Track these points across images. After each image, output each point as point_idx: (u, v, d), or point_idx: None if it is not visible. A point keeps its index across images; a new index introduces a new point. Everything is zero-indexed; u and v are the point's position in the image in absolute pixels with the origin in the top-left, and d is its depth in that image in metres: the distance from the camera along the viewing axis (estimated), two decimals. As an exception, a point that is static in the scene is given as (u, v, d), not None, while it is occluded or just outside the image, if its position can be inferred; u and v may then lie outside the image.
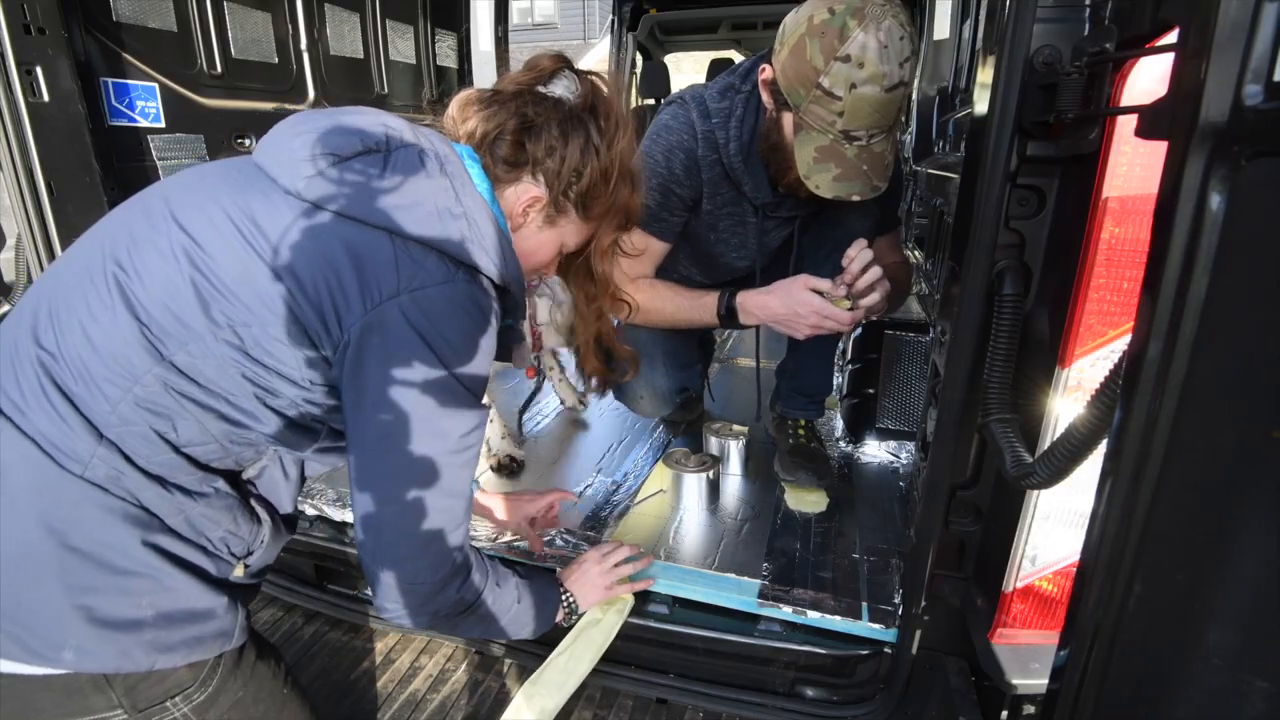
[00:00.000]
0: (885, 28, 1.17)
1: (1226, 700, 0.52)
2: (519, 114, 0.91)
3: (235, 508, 0.85)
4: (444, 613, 0.89)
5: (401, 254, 0.78)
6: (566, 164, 0.92)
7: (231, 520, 0.84)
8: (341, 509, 1.56)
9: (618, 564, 1.26)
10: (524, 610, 1.03)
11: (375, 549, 0.83)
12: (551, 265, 1.04)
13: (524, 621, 1.04)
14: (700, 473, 1.58)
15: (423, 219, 0.79)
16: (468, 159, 0.89)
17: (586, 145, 0.92)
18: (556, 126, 0.91)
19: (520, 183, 0.93)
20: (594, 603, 1.22)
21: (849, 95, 1.20)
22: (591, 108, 0.93)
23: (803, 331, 1.41)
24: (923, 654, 1.22)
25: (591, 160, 0.92)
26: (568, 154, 0.91)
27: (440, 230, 0.80)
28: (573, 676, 1.18)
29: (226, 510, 0.84)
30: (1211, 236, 0.46)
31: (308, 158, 0.77)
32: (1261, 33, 0.43)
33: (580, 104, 0.93)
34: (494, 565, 1.00)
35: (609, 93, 0.95)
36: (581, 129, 0.92)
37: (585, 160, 0.92)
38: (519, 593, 1.02)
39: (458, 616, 0.92)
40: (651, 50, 5.01)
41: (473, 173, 0.88)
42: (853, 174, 1.28)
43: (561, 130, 0.91)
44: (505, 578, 1.01)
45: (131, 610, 0.75)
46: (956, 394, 0.99)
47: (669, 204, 1.50)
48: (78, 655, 0.73)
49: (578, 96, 0.93)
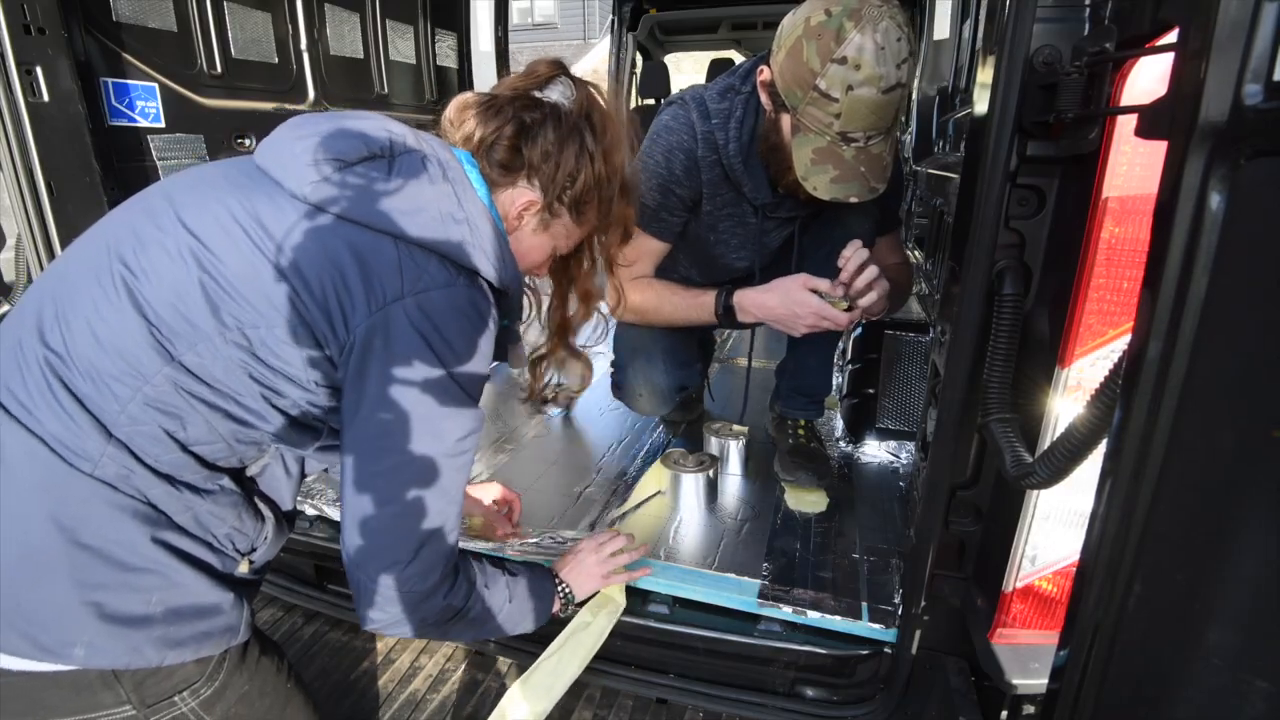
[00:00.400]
0: (882, 29, 1.16)
1: (1226, 700, 0.52)
2: (515, 119, 0.92)
3: (240, 505, 0.86)
4: (434, 619, 0.89)
5: (405, 257, 0.78)
6: (561, 169, 0.93)
7: (236, 517, 0.85)
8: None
9: (614, 553, 1.25)
10: (516, 608, 1.03)
11: (366, 552, 0.83)
12: (544, 267, 1.06)
13: (518, 619, 1.04)
14: (699, 472, 1.58)
15: (426, 223, 0.80)
16: (466, 163, 0.90)
17: (581, 151, 0.93)
18: (552, 132, 0.92)
19: (515, 186, 0.94)
20: (589, 592, 1.21)
21: (845, 97, 1.20)
22: (587, 115, 0.94)
23: (800, 330, 1.41)
24: (923, 654, 1.22)
25: (586, 166, 0.94)
26: (563, 159, 0.92)
27: (443, 234, 0.81)
28: (560, 680, 1.18)
29: (232, 507, 0.84)
30: (1211, 236, 0.46)
31: (311, 162, 0.78)
32: (1261, 32, 0.43)
33: (576, 110, 0.94)
34: (482, 566, 0.99)
35: (605, 101, 0.97)
36: (576, 135, 0.93)
37: (580, 166, 0.93)
38: (510, 591, 1.02)
39: (446, 624, 0.91)
40: (651, 50, 5.01)
41: (471, 177, 0.89)
42: (850, 176, 1.28)
43: (557, 136, 0.92)
44: (495, 578, 1.00)
45: (141, 606, 0.75)
46: (956, 394, 0.99)
47: (668, 204, 1.50)
48: (88, 651, 0.73)
49: (573, 103, 0.94)
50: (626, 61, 4.65)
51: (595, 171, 0.95)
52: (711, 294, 1.51)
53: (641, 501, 1.60)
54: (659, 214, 1.51)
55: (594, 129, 0.94)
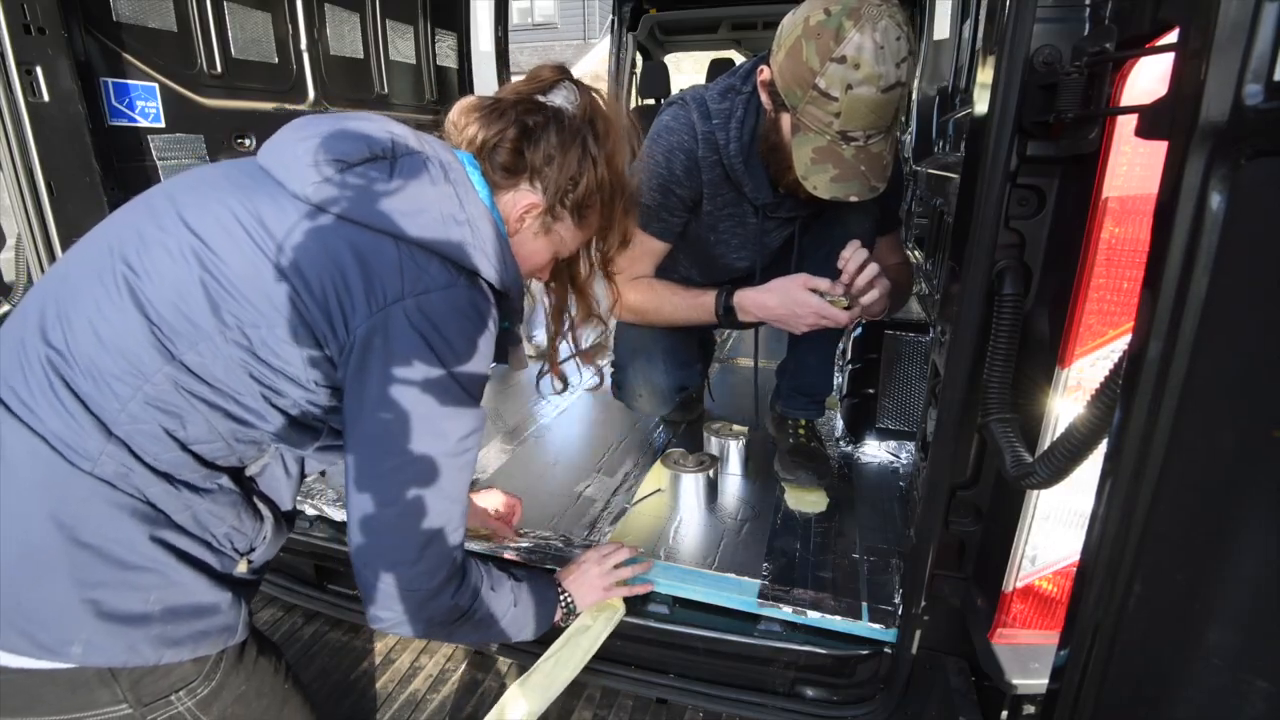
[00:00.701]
0: (882, 28, 1.16)
1: (1227, 700, 0.52)
2: (519, 122, 0.92)
3: (239, 504, 0.86)
4: (439, 619, 0.89)
5: (406, 258, 0.79)
6: (564, 172, 0.93)
7: (235, 516, 0.85)
8: (341, 509, 1.56)
9: (617, 565, 1.26)
10: (520, 613, 1.03)
11: (371, 552, 0.83)
12: (545, 270, 1.06)
13: (521, 624, 1.04)
14: (699, 472, 1.59)
15: (427, 225, 0.80)
16: (468, 165, 0.90)
17: (584, 155, 0.93)
18: (555, 135, 0.92)
19: (518, 189, 0.94)
20: (591, 604, 1.21)
21: (845, 96, 1.20)
22: (590, 119, 0.95)
23: (800, 329, 1.41)
24: (923, 654, 1.22)
25: (589, 170, 0.94)
26: (565, 162, 0.93)
27: (444, 236, 0.81)
28: (556, 682, 1.19)
29: (231, 506, 0.84)
30: (1212, 236, 0.46)
31: (313, 163, 0.78)
32: (1262, 32, 0.43)
33: (579, 115, 0.94)
34: (488, 569, 1.00)
35: (608, 107, 0.97)
36: (579, 139, 0.93)
37: (582, 169, 0.94)
38: (514, 595, 1.02)
39: (453, 624, 0.91)
40: (651, 50, 5.01)
41: (473, 179, 0.89)
42: (850, 175, 1.28)
43: (560, 139, 0.92)
44: (500, 581, 1.01)
45: (139, 605, 0.75)
46: (956, 394, 0.99)
47: (669, 204, 1.50)
48: (85, 649, 0.73)
49: (577, 107, 0.95)
50: (626, 61, 4.65)
51: (598, 175, 0.95)
52: (712, 294, 1.51)
53: (642, 498, 1.61)
54: (659, 214, 1.51)
55: (596, 134, 0.95)
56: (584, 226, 1.00)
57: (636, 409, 1.89)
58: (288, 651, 1.50)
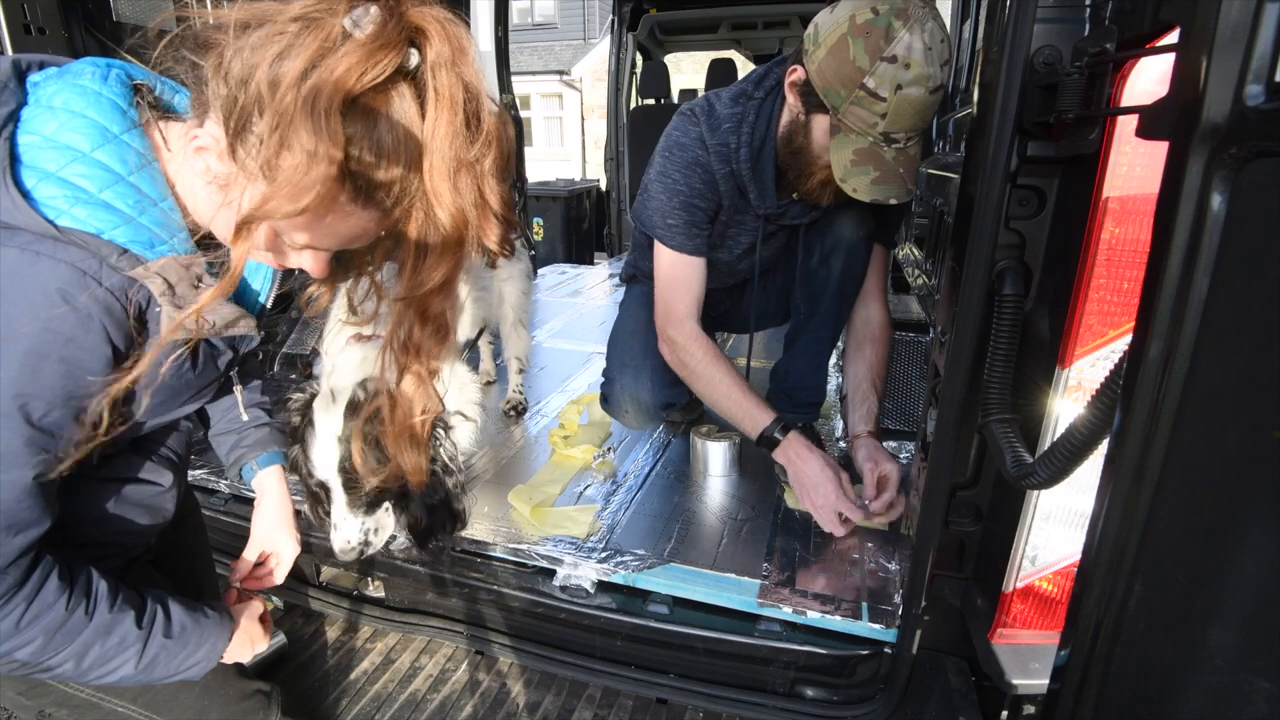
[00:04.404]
0: (929, 29, 1.16)
1: (1227, 700, 0.52)
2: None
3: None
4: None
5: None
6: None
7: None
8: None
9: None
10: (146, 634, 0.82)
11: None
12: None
13: (150, 649, 0.82)
14: (723, 441, 1.66)
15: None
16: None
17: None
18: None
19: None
20: (241, 657, 0.99)
21: (894, 96, 1.18)
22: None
23: (808, 508, 1.45)
24: (923, 654, 1.22)
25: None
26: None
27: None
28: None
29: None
30: (1212, 236, 0.46)
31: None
32: (1262, 33, 0.43)
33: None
34: (102, 576, 0.80)
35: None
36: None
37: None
38: (151, 611, 0.82)
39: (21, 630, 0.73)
40: (651, 50, 5.02)
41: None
42: (890, 177, 1.26)
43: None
44: (121, 590, 0.81)
45: None
46: (956, 394, 0.99)
47: (695, 220, 1.49)
48: None
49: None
50: (626, 61, 4.66)
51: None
52: (766, 418, 1.46)
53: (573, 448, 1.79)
54: (689, 230, 1.49)
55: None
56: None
57: (623, 424, 1.87)
58: (287, 651, 1.51)
